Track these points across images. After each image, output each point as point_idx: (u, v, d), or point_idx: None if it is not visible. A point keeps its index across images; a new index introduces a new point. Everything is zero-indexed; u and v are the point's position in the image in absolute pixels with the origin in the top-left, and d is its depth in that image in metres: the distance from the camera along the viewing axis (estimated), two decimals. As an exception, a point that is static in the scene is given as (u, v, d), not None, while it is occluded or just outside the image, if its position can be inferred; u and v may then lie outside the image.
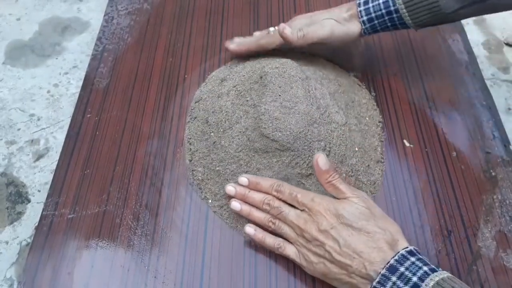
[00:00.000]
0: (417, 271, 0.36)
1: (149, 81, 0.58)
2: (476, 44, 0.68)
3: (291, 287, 0.44)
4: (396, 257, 0.37)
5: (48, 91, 0.61)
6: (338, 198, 0.42)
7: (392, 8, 0.50)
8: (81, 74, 0.61)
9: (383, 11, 0.51)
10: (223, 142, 0.48)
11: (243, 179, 0.46)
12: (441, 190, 0.50)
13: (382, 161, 0.52)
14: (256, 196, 0.45)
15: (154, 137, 0.53)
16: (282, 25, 0.52)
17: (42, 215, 0.47)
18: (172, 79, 0.59)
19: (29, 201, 0.51)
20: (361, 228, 0.39)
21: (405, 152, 0.53)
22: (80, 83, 0.59)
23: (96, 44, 0.62)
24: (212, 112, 0.51)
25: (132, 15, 0.66)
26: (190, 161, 0.51)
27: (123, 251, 0.45)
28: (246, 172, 0.47)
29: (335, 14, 0.53)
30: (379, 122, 0.55)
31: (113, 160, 0.51)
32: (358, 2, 0.52)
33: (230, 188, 0.46)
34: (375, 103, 0.57)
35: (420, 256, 0.38)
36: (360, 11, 0.52)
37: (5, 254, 0.48)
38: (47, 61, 0.64)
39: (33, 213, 0.50)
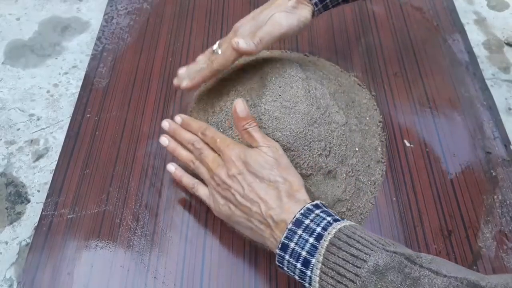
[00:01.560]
0: (320, 222, 0.37)
1: (149, 81, 0.58)
2: (476, 44, 0.68)
3: (291, 287, 0.44)
4: (302, 211, 0.38)
5: (48, 91, 0.61)
6: (252, 147, 0.43)
7: None
8: (81, 74, 0.61)
9: None
10: (223, 142, 0.48)
11: (178, 118, 0.48)
12: (441, 190, 0.50)
13: (383, 161, 0.52)
14: (184, 135, 0.47)
15: (154, 137, 0.53)
16: (233, 40, 0.47)
17: (41, 215, 0.47)
18: (172, 79, 0.58)
19: (28, 201, 0.51)
20: (263, 177, 0.41)
21: (405, 152, 0.53)
22: (80, 83, 0.59)
23: (95, 44, 0.62)
24: (212, 112, 0.51)
25: (132, 15, 0.66)
26: (190, 161, 0.51)
27: (123, 251, 0.45)
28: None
29: (280, 6, 0.49)
30: (379, 122, 0.55)
31: (113, 160, 0.51)
32: None
33: (165, 123, 0.48)
34: (375, 103, 0.57)
35: (325, 209, 0.39)
36: None
37: (5, 254, 0.48)
38: (47, 61, 0.64)
39: (32, 213, 0.50)
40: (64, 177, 0.50)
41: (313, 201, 0.39)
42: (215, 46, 0.50)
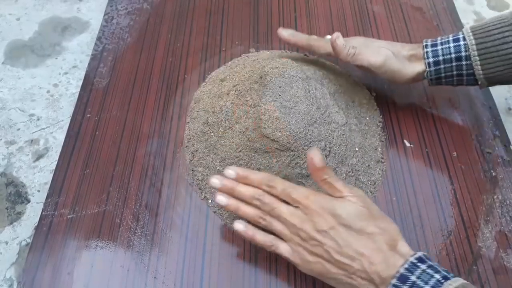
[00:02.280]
0: (429, 279, 0.34)
1: (149, 81, 0.58)
2: (476, 44, 0.67)
3: (291, 287, 0.44)
4: (406, 265, 0.35)
5: (48, 91, 0.61)
6: (334, 196, 0.40)
7: (463, 54, 0.47)
8: (81, 74, 0.61)
9: (453, 55, 0.47)
10: (223, 142, 0.48)
11: (230, 172, 0.43)
12: (441, 190, 0.50)
13: (382, 161, 0.52)
14: (245, 190, 0.42)
15: (154, 137, 0.53)
16: (336, 33, 0.49)
17: (41, 215, 0.47)
18: (172, 79, 0.59)
19: (28, 201, 0.51)
20: (360, 229, 0.38)
21: (405, 152, 0.53)
22: (80, 83, 0.59)
23: (96, 44, 0.62)
24: (212, 112, 0.51)
25: (132, 15, 0.66)
26: (190, 161, 0.51)
27: (123, 251, 0.45)
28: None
29: (395, 48, 0.50)
30: (379, 122, 0.55)
31: (113, 160, 0.51)
32: (425, 43, 0.49)
33: (214, 181, 0.43)
34: (375, 103, 0.57)
35: (431, 263, 0.36)
36: (427, 52, 0.48)
37: (5, 254, 0.48)
38: (47, 61, 0.64)
39: (32, 213, 0.50)
40: (64, 177, 0.50)
41: (415, 253, 0.37)
42: (328, 36, 0.52)
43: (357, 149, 0.50)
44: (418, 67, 0.50)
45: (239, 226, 0.42)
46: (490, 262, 0.45)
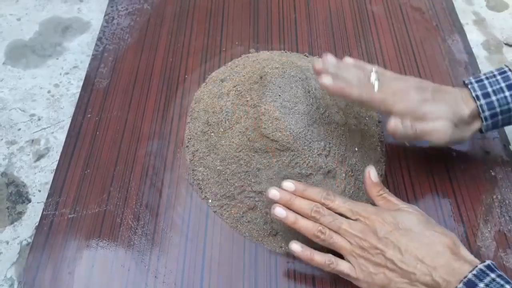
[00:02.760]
0: None
1: (150, 81, 0.59)
2: (475, 44, 0.68)
3: (291, 287, 0.44)
4: (475, 272, 0.35)
5: (49, 91, 0.61)
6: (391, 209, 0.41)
7: None
8: (82, 74, 0.61)
9: (511, 104, 0.44)
10: (223, 142, 0.48)
11: (289, 184, 0.43)
12: (441, 190, 0.50)
13: (382, 161, 0.52)
14: (304, 204, 0.41)
15: (155, 137, 0.53)
16: (392, 122, 0.43)
17: (42, 215, 0.47)
18: (173, 79, 0.59)
19: (29, 201, 0.51)
20: (420, 232, 0.38)
21: (405, 152, 0.53)
22: (81, 83, 0.59)
23: (96, 44, 0.62)
24: (213, 112, 0.51)
25: (132, 15, 0.66)
26: (191, 161, 0.51)
27: (124, 251, 0.45)
28: (246, 172, 0.47)
29: (453, 108, 0.44)
30: (379, 122, 0.55)
31: (114, 160, 0.51)
32: (475, 94, 0.45)
33: (274, 192, 0.42)
34: (375, 103, 0.57)
35: (500, 273, 0.35)
36: (481, 105, 0.44)
37: (6, 254, 0.48)
38: (48, 61, 0.64)
39: (33, 213, 0.50)
40: (65, 177, 0.50)
41: (484, 261, 0.36)
42: (373, 76, 0.45)
43: (356, 149, 0.50)
44: (476, 125, 0.46)
45: (296, 247, 0.41)
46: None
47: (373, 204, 0.43)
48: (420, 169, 0.52)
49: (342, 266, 0.40)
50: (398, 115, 0.44)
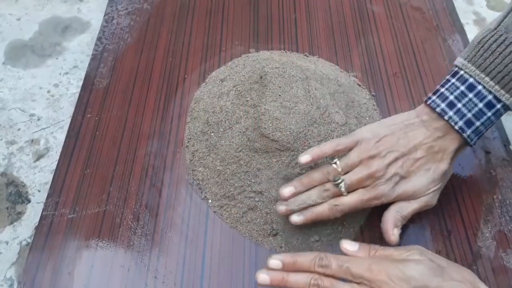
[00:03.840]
0: None
1: (149, 81, 0.58)
2: (476, 44, 0.68)
3: (291, 287, 0.44)
4: None
5: (48, 91, 0.61)
6: (395, 258, 0.37)
7: (501, 110, 0.42)
8: (81, 74, 0.61)
9: (480, 105, 0.41)
10: (223, 142, 0.48)
11: (275, 262, 0.38)
12: (441, 190, 0.50)
13: (382, 161, 0.52)
14: (299, 278, 0.37)
15: (154, 137, 0.53)
16: (387, 227, 0.42)
17: (42, 215, 0.47)
18: (172, 79, 0.59)
19: (29, 201, 0.51)
20: (438, 286, 0.34)
21: (405, 152, 0.53)
22: (80, 83, 0.59)
23: (96, 44, 0.62)
24: (212, 112, 0.51)
25: (132, 15, 0.66)
26: (190, 161, 0.51)
27: (123, 251, 0.45)
28: (246, 172, 0.47)
29: (436, 173, 0.43)
30: (379, 122, 0.55)
31: (113, 160, 0.51)
32: (439, 109, 0.42)
33: (263, 277, 0.38)
34: (375, 103, 0.57)
35: None
36: (450, 117, 0.41)
37: (5, 254, 0.48)
38: (47, 61, 0.64)
39: (33, 213, 0.50)
40: (65, 177, 0.50)
41: None
42: (334, 177, 0.42)
43: (357, 149, 0.50)
44: (453, 145, 0.43)
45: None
46: (489, 262, 0.45)
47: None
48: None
49: None
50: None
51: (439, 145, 0.43)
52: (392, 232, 0.42)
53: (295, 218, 0.43)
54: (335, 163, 0.43)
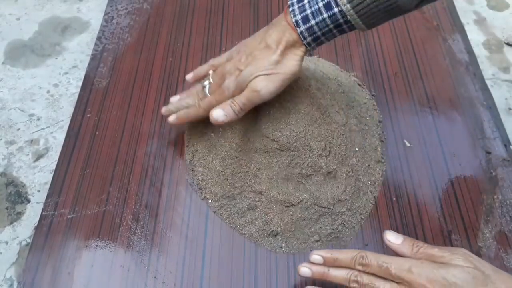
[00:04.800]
0: None
1: (149, 81, 0.58)
2: (476, 44, 0.67)
3: (291, 287, 0.44)
4: None
5: (48, 91, 0.61)
6: (437, 262, 0.36)
7: (338, 16, 0.40)
8: (81, 74, 0.61)
9: (331, 26, 0.41)
10: (223, 142, 0.48)
11: (317, 257, 0.39)
12: (441, 190, 0.50)
13: (382, 161, 0.52)
14: (339, 274, 0.38)
15: (154, 137, 0.53)
16: (213, 113, 0.44)
17: (41, 215, 0.47)
18: (172, 79, 0.59)
19: (28, 201, 0.51)
20: None
21: (405, 152, 0.53)
22: (80, 83, 0.59)
23: (96, 44, 0.62)
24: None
25: (132, 15, 0.66)
26: (190, 161, 0.51)
27: (123, 251, 0.45)
28: (246, 172, 0.47)
29: (263, 60, 0.43)
30: (379, 122, 0.55)
31: (113, 160, 0.51)
32: (295, 19, 0.42)
33: (305, 270, 0.39)
34: (375, 103, 0.57)
35: None
36: (293, 10, 0.42)
37: (5, 254, 0.48)
38: (47, 61, 0.64)
39: (32, 213, 0.50)
40: (64, 177, 0.50)
41: None
42: (205, 82, 0.48)
43: (357, 149, 0.50)
44: (297, 56, 0.44)
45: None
46: (490, 262, 0.45)
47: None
48: (421, 169, 0.51)
49: None
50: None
51: (275, 38, 0.43)
52: None
53: (171, 118, 0.48)
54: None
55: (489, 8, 0.73)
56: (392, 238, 0.39)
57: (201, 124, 0.52)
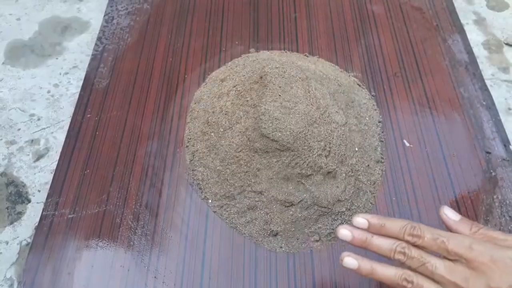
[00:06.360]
0: None
1: (149, 81, 0.58)
2: (476, 44, 0.68)
3: (291, 287, 0.44)
4: None
5: (48, 91, 0.61)
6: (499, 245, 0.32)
7: None
8: (81, 74, 0.61)
9: None
10: (223, 142, 0.48)
11: (361, 220, 0.34)
12: (441, 190, 0.50)
13: (382, 161, 0.52)
14: (384, 243, 0.33)
15: (154, 137, 0.53)
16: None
17: (42, 215, 0.47)
18: (172, 79, 0.59)
19: (29, 201, 0.51)
20: None
21: (405, 152, 0.53)
22: (80, 83, 0.59)
23: (96, 44, 0.62)
24: (212, 112, 0.51)
25: (132, 15, 0.66)
26: (190, 161, 0.51)
27: (123, 251, 0.45)
28: (246, 172, 0.47)
29: None
30: (379, 122, 0.55)
31: (113, 160, 0.51)
32: None
33: (345, 233, 0.34)
34: (375, 103, 0.57)
35: None
36: None
37: (5, 254, 0.48)
38: (47, 61, 0.64)
39: (33, 213, 0.50)
40: (65, 177, 0.50)
41: None
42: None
43: (357, 149, 0.50)
44: None
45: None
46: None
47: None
48: (421, 169, 0.52)
49: None
50: None
51: None
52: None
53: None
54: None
55: (489, 8, 0.73)
56: (450, 213, 0.34)
57: (201, 124, 0.52)
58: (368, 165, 0.50)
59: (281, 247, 0.46)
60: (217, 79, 0.56)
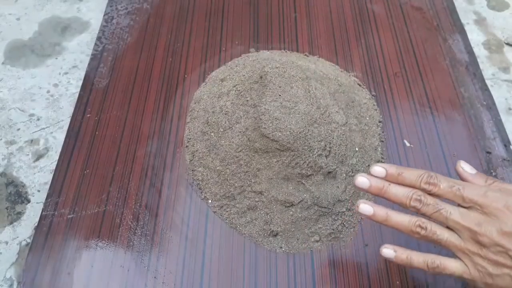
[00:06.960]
0: None
1: (149, 81, 0.58)
2: (476, 44, 0.67)
3: (291, 287, 0.44)
4: None
5: (48, 91, 0.61)
6: None
7: None
8: (81, 74, 0.61)
9: None
10: (223, 142, 0.48)
11: (379, 169, 0.35)
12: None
13: (382, 161, 0.52)
14: (400, 191, 0.34)
15: (154, 137, 0.53)
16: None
17: (41, 215, 0.47)
18: (172, 79, 0.59)
19: (28, 201, 0.51)
20: None
21: (405, 152, 0.53)
22: (80, 83, 0.59)
23: (96, 44, 0.62)
24: (212, 112, 0.51)
25: (132, 15, 0.66)
26: (190, 161, 0.51)
27: (123, 251, 0.45)
28: (246, 172, 0.47)
29: None
30: (379, 122, 0.55)
31: (113, 160, 0.51)
32: None
33: (363, 180, 0.34)
34: (375, 103, 0.57)
35: None
36: None
37: (5, 254, 0.48)
38: (47, 61, 0.64)
39: (32, 213, 0.50)
40: (64, 177, 0.50)
41: None
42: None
43: (357, 149, 0.50)
44: None
45: (388, 252, 0.34)
46: (490, 262, 0.45)
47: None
48: (421, 169, 0.51)
49: (451, 267, 0.33)
50: None
51: None
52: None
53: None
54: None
55: (489, 8, 0.73)
56: (466, 167, 0.35)
57: (201, 124, 0.52)
58: (369, 165, 0.50)
59: (281, 247, 0.46)
60: (217, 79, 0.56)
